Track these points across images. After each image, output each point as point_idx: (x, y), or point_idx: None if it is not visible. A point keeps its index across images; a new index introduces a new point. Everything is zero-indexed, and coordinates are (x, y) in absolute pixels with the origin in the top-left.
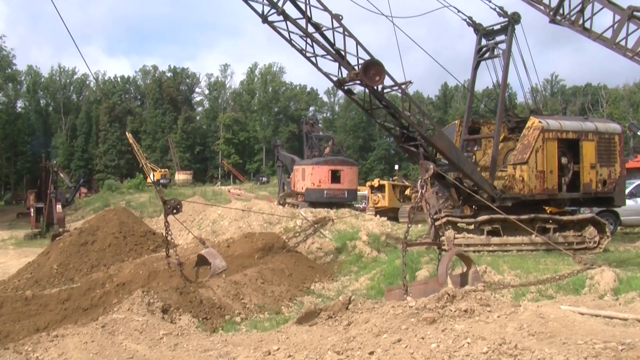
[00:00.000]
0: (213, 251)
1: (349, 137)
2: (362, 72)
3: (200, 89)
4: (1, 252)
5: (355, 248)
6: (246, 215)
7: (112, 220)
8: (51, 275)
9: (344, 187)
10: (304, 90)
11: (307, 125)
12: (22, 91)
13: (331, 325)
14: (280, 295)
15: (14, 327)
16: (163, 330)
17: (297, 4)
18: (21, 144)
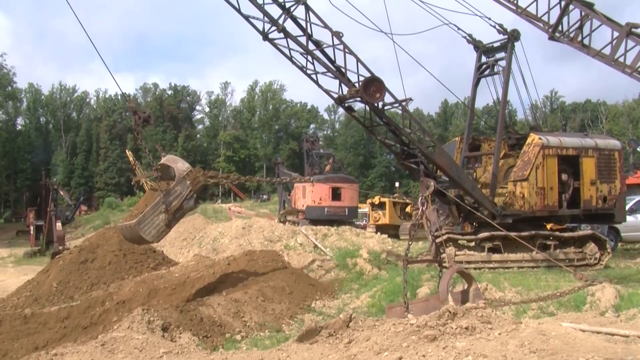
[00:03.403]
0: (173, 157)
1: (350, 155)
2: (362, 89)
3: (200, 107)
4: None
5: (356, 265)
6: (246, 233)
7: (112, 238)
8: (51, 293)
9: (344, 205)
10: (304, 108)
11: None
12: (22, 109)
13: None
14: (281, 313)
15: (13, 346)
16: (163, 348)
17: (297, 22)
18: (21, 162)
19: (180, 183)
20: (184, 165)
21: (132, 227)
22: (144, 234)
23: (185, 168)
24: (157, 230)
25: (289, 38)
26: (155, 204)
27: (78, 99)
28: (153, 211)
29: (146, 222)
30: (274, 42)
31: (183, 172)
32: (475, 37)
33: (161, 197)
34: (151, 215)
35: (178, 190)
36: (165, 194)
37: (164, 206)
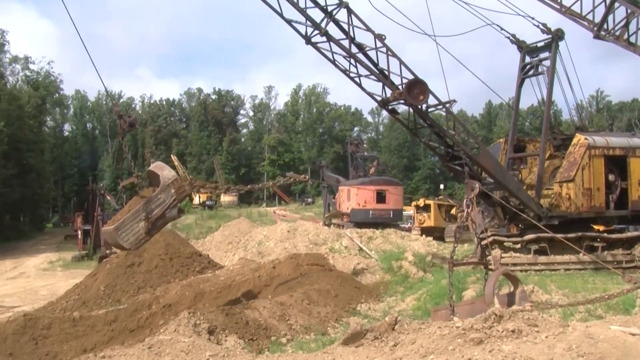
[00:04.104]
0: (160, 164)
1: (394, 157)
2: (405, 92)
3: (245, 111)
4: (49, 273)
5: (401, 268)
6: (292, 236)
7: (159, 242)
8: (98, 296)
9: (389, 207)
10: (348, 111)
11: (351, 146)
12: (69, 115)
13: (377, 346)
14: (326, 316)
15: (62, 348)
16: (209, 351)
17: (340, 25)
18: (69, 167)
19: (165, 191)
20: (170, 173)
21: (110, 233)
22: (121, 240)
23: (171, 176)
24: (136, 237)
25: (331, 41)
26: (136, 211)
27: (124, 104)
28: (133, 218)
29: (125, 229)
30: (317, 45)
31: (168, 180)
32: (518, 37)
33: (142, 205)
34: (130, 222)
35: (161, 198)
36: (147, 202)
37: (144, 214)
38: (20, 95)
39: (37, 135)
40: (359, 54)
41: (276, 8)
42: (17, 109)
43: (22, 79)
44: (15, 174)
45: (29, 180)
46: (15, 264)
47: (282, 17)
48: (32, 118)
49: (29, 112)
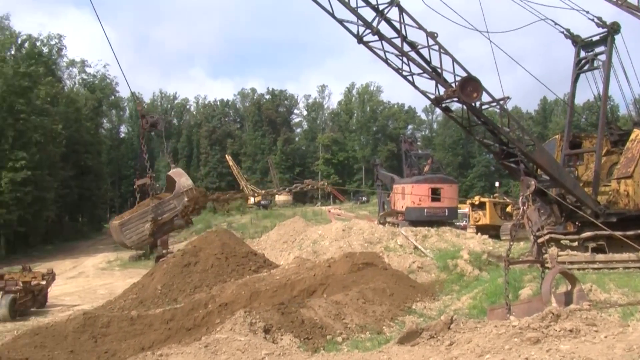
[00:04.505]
0: (180, 170)
1: (448, 155)
2: (459, 89)
3: (298, 110)
4: (107, 273)
5: (456, 267)
6: (346, 235)
7: (214, 242)
8: (155, 295)
9: (444, 205)
10: (402, 109)
11: (405, 144)
12: (125, 117)
13: (433, 345)
14: (382, 314)
15: (121, 346)
16: (265, 350)
17: (391, 24)
18: (125, 168)
19: (178, 198)
20: (187, 181)
21: (114, 228)
22: (124, 238)
23: (187, 185)
24: (139, 237)
25: (383, 40)
26: (144, 211)
27: (178, 105)
28: (140, 217)
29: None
30: (369, 44)
31: (183, 188)
32: (573, 32)
33: (152, 206)
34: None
35: (173, 204)
36: (157, 204)
37: (152, 215)
38: (78, 98)
39: (94, 137)
40: (411, 52)
41: (327, 8)
42: (74, 112)
43: (79, 82)
44: (74, 175)
45: (86, 181)
46: (74, 264)
47: (333, 17)
48: (89, 120)
49: (86, 114)
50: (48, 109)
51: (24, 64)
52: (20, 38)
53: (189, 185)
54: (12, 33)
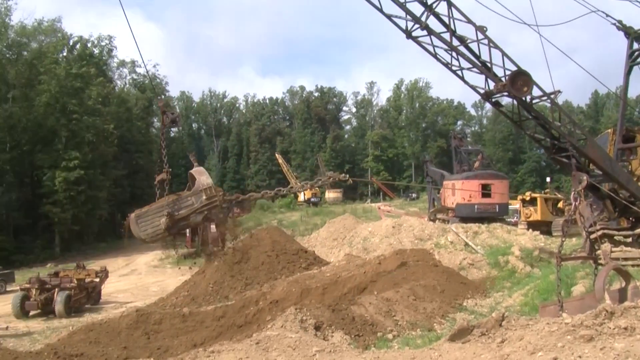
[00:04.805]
0: (201, 169)
1: (499, 150)
2: (509, 84)
3: (347, 108)
4: (159, 270)
5: (508, 263)
6: (397, 232)
7: (265, 239)
8: (207, 293)
9: (494, 202)
10: (451, 105)
11: (455, 140)
12: None
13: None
14: (433, 311)
15: (173, 342)
16: (316, 347)
17: (440, 18)
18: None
19: (196, 195)
20: (207, 180)
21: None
22: (139, 230)
23: (207, 183)
24: (154, 231)
25: (432, 35)
26: (161, 206)
27: (228, 104)
28: (156, 211)
29: (146, 219)
30: (418, 39)
31: (203, 186)
32: (625, 24)
33: (169, 201)
34: (153, 214)
35: (190, 201)
36: (175, 200)
37: (168, 210)
38: (128, 98)
39: (145, 136)
40: (461, 47)
41: (375, 4)
42: (125, 112)
43: (130, 82)
44: (125, 175)
45: (138, 180)
46: (127, 262)
47: (381, 12)
48: (140, 120)
49: (137, 114)
50: (100, 109)
51: (75, 66)
52: (72, 40)
53: (208, 183)
54: (64, 35)
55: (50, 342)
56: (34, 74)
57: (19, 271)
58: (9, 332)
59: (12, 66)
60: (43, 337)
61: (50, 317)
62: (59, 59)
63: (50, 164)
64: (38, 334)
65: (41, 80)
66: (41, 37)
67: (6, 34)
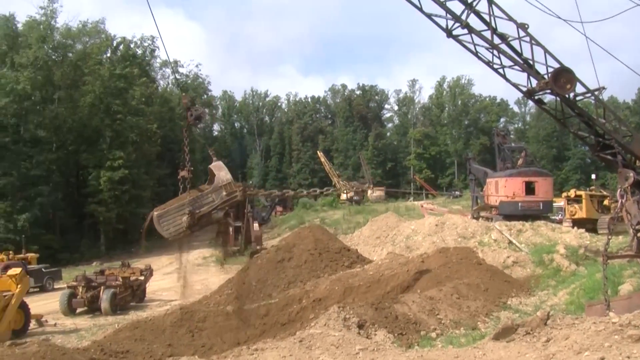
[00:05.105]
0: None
1: (542, 147)
2: (552, 81)
3: (389, 105)
4: (203, 269)
5: (552, 261)
6: (440, 230)
7: (308, 238)
8: (250, 291)
9: (538, 199)
10: (493, 102)
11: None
12: (217, 115)
13: (529, 341)
14: (476, 310)
15: (217, 340)
16: (359, 345)
17: (481, 16)
18: None
19: (216, 191)
20: (226, 175)
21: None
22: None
23: (226, 179)
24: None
25: (473, 33)
26: (182, 204)
27: (270, 103)
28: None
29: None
30: (459, 38)
31: (222, 182)
32: None
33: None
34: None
35: (211, 197)
36: (195, 198)
37: (190, 208)
38: (171, 97)
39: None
40: (502, 45)
41: (416, 3)
42: (168, 111)
43: (172, 82)
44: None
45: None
46: (170, 260)
47: (421, 11)
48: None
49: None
50: (143, 109)
51: (119, 66)
52: (116, 41)
53: (228, 179)
54: (107, 36)
55: (97, 338)
56: (79, 75)
57: (65, 269)
58: (57, 328)
59: (58, 68)
60: (90, 334)
61: (96, 314)
62: (102, 60)
63: (95, 163)
64: (85, 331)
65: (86, 81)
66: (85, 39)
67: (52, 36)
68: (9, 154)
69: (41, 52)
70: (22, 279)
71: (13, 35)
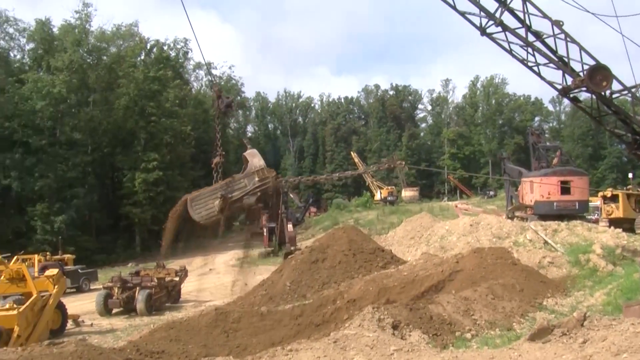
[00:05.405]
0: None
1: (578, 146)
2: (587, 78)
3: (422, 105)
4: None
5: (589, 261)
6: (474, 230)
7: (342, 238)
8: (284, 292)
9: (574, 199)
10: (528, 101)
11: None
12: (251, 117)
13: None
14: (512, 311)
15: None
16: (393, 346)
17: (515, 14)
18: None
19: (249, 177)
20: (259, 162)
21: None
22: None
23: (259, 165)
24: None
25: (507, 31)
26: (215, 188)
27: (303, 104)
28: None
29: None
30: (492, 36)
31: (255, 168)
32: None
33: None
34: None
35: (243, 183)
36: (228, 182)
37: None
38: (205, 99)
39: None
40: (537, 42)
41: (449, 1)
42: (202, 113)
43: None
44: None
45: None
46: (205, 261)
47: (455, 9)
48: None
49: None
50: (177, 111)
51: (153, 69)
52: (149, 44)
53: (261, 165)
54: (141, 39)
55: (133, 339)
56: (113, 77)
57: (101, 270)
58: (93, 328)
59: (93, 71)
60: (125, 334)
61: (132, 315)
62: (137, 62)
63: (129, 165)
64: (121, 331)
65: (120, 84)
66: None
67: (86, 40)
68: (46, 157)
69: (76, 55)
70: (59, 280)
71: (49, 39)
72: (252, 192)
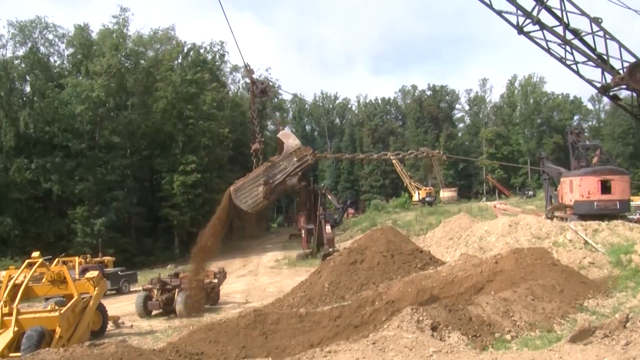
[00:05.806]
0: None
1: (618, 145)
2: (627, 76)
3: (460, 105)
4: (276, 271)
5: (630, 262)
6: (513, 231)
7: (380, 240)
8: (323, 293)
9: (615, 198)
10: (566, 99)
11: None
12: (288, 119)
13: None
14: (552, 312)
15: (290, 342)
16: (433, 347)
17: (552, 11)
18: None
19: (287, 158)
20: (294, 141)
21: (230, 193)
22: (240, 202)
23: (295, 145)
24: (254, 200)
25: (544, 29)
26: (257, 175)
27: (340, 105)
28: (253, 182)
29: (244, 191)
30: (530, 35)
31: (291, 148)
32: None
33: (263, 169)
34: (250, 185)
35: (283, 165)
36: (269, 167)
37: (264, 178)
38: (242, 102)
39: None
40: (575, 40)
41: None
42: (239, 116)
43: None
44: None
45: None
46: (244, 263)
47: (491, 8)
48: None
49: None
50: (214, 113)
51: (190, 72)
52: (186, 47)
53: (296, 144)
54: (178, 43)
55: (172, 340)
56: (151, 81)
57: (141, 272)
58: (133, 330)
59: (131, 75)
60: (165, 335)
61: (171, 316)
62: (174, 66)
63: (168, 168)
64: (160, 333)
65: (158, 87)
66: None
67: (124, 44)
68: (85, 160)
69: (114, 60)
70: (99, 282)
71: (87, 44)
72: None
